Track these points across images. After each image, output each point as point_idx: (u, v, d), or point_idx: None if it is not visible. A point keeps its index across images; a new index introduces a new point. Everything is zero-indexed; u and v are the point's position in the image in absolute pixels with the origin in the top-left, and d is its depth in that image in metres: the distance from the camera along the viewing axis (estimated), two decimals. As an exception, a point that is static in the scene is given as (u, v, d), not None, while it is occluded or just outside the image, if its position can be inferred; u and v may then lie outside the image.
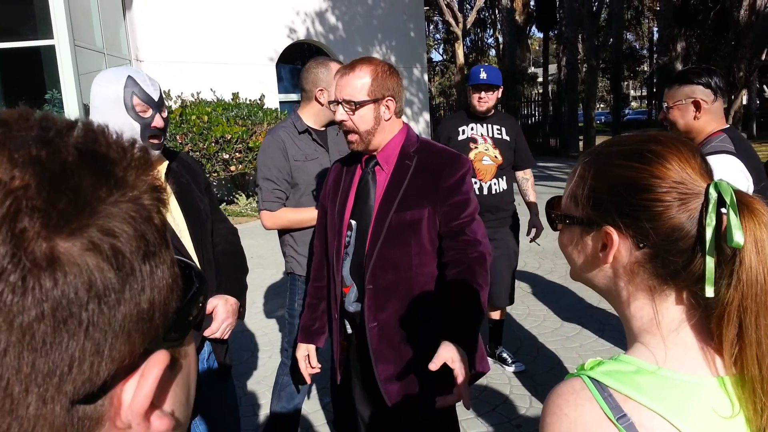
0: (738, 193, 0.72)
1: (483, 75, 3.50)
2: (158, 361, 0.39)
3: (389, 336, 1.87)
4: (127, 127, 1.77)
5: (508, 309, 4.58)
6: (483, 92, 3.51)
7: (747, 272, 0.69)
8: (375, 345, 1.88)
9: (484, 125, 3.61)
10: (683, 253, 0.74)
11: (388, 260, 1.83)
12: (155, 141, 1.83)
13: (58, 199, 0.34)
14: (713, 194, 0.72)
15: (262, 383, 3.74)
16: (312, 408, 3.38)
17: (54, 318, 0.34)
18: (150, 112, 1.81)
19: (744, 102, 21.53)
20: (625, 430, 0.68)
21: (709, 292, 0.72)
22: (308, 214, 2.54)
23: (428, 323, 1.83)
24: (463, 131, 3.63)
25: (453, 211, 1.84)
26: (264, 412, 3.36)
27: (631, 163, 0.78)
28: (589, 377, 0.73)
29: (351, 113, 1.82)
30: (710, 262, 0.72)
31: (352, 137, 1.86)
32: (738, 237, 0.69)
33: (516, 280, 3.90)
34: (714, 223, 0.71)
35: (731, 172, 2.14)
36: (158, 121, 1.82)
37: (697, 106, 2.27)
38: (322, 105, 2.56)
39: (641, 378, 0.72)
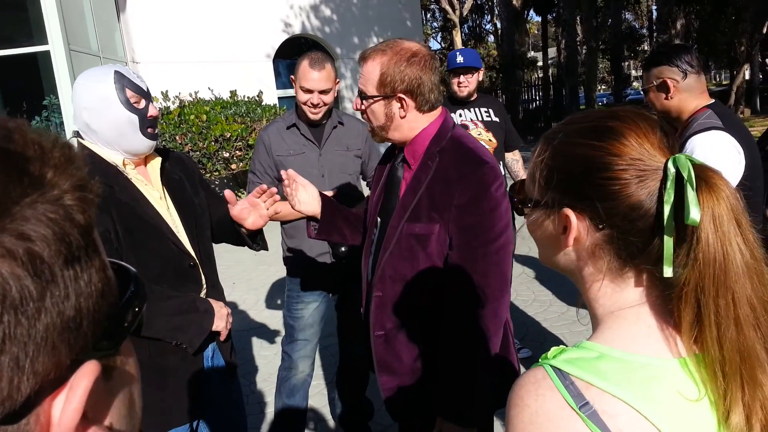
0: (698, 167, 0.69)
1: (459, 58, 3.43)
2: (87, 372, 0.36)
3: (394, 347, 1.73)
4: (126, 120, 1.76)
5: (513, 295, 4.56)
6: (462, 76, 3.46)
7: (704, 251, 0.66)
8: (380, 355, 1.76)
9: (472, 110, 3.56)
10: (643, 232, 0.71)
11: (396, 271, 1.68)
12: (152, 130, 1.83)
13: None
14: (671, 170, 0.69)
15: (267, 381, 3.74)
16: (319, 403, 3.38)
17: None
18: (143, 102, 1.80)
19: (746, 77, 21.35)
20: (588, 417, 0.66)
21: (668, 272, 0.69)
22: (287, 208, 2.55)
23: (435, 339, 1.67)
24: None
25: (463, 236, 1.59)
26: (270, 410, 3.36)
27: (588, 141, 0.75)
28: (551, 366, 0.71)
29: (364, 107, 1.67)
30: (668, 241, 0.69)
31: (369, 128, 1.74)
32: (694, 214, 0.66)
33: (520, 265, 3.87)
34: (672, 199, 0.68)
35: (723, 148, 2.10)
36: (153, 110, 1.82)
37: (665, 86, 2.26)
38: (301, 100, 2.55)
39: (604, 364, 0.70)
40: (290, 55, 13.11)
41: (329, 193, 2.46)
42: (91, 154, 1.79)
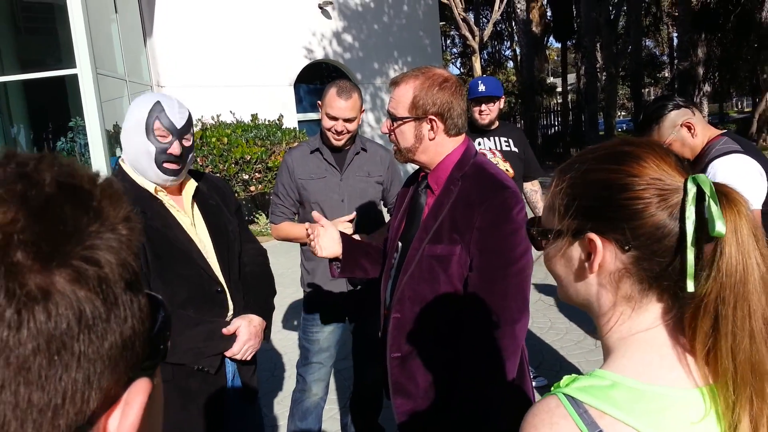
0: (716, 184, 0.71)
1: (482, 87, 3.43)
2: (141, 388, 0.39)
3: (410, 370, 1.73)
4: (144, 149, 1.81)
5: (530, 322, 4.51)
6: (483, 105, 3.45)
7: (727, 263, 0.68)
8: (395, 377, 1.76)
9: (491, 138, 3.56)
10: (668, 251, 0.72)
11: (416, 292, 1.70)
12: (170, 166, 1.85)
13: (46, 232, 0.35)
14: (692, 187, 0.71)
15: (281, 404, 3.73)
16: (332, 428, 3.36)
17: (48, 351, 0.34)
18: (169, 138, 1.83)
19: (769, 105, 21.12)
20: None
21: (690, 286, 0.70)
22: (297, 231, 2.67)
23: (452, 364, 1.67)
24: None
25: (484, 257, 1.61)
26: (283, 432, 3.35)
27: (606, 166, 0.77)
28: (564, 394, 0.71)
29: (393, 127, 1.72)
30: (691, 256, 0.70)
31: (394, 148, 1.78)
32: (720, 226, 0.68)
33: (537, 292, 3.84)
34: (694, 216, 0.70)
35: (745, 170, 2.10)
36: (175, 148, 1.83)
37: (688, 128, 2.25)
38: (326, 126, 2.60)
39: (616, 392, 0.70)
40: (311, 80, 13.31)
41: (349, 218, 2.50)
42: (126, 179, 1.85)
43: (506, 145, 3.56)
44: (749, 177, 2.09)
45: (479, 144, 3.57)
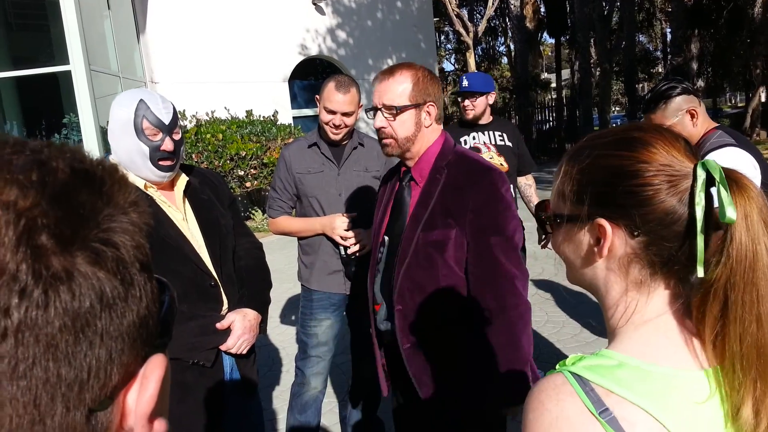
0: (726, 170, 0.72)
1: (465, 83, 3.52)
2: (158, 363, 0.41)
3: (423, 357, 1.79)
4: (136, 150, 1.80)
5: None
6: (467, 100, 3.53)
7: (737, 248, 0.68)
8: (413, 369, 1.80)
9: (486, 133, 3.58)
10: (677, 237, 0.73)
11: (415, 282, 1.74)
12: (165, 163, 1.84)
13: (66, 216, 0.36)
14: (701, 173, 0.71)
15: (279, 398, 3.74)
16: (330, 421, 3.37)
17: (74, 328, 0.36)
18: (160, 135, 1.82)
19: (762, 99, 21.24)
20: (608, 423, 0.67)
21: (701, 272, 0.71)
22: (297, 225, 2.71)
23: (461, 347, 1.74)
24: (465, 141, 3.61)
25: (480, 234, 1.69)
26: (282, 426, 3.36)
27: (616, 152, 0.77)
28: (570, 372, 0.72)
29: (391, 119, 1.75)
30: (701, 242, 0.71)
31: (388, 141, 1.79)
32: (731, 212, 0.68)
33: (533, 287, 3.87)
34: (703, 202, 0.71)
35: (740, 163, 2.12)
36: (167, 145, 1.83)
37: (692, 114, 2.27)
38: (323, 120, 2.61)
39: (623, 372, 0.71)
40: (305, 76, 13.28)
41: (350, 216, 2.53)
42: None
43: (500, 140, 3.59)
44: (743, 170, 2.11)
45: (474, 138, 3.59)
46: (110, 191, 0.40)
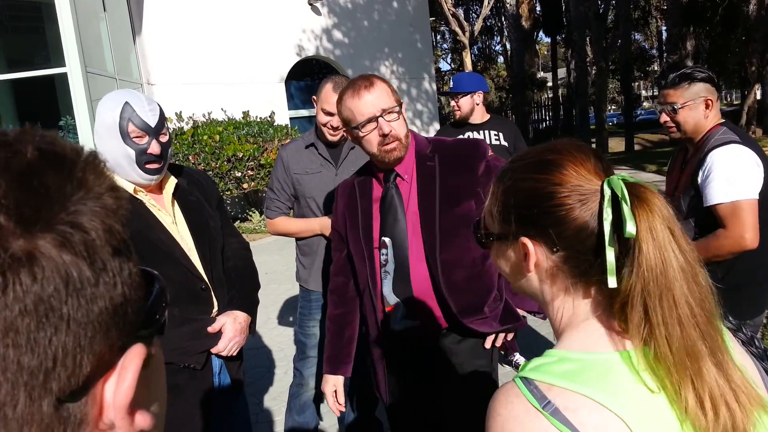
0: (630, 185, 0.77)
1: (451, 84, 3.65)
2: (136, 353, 0.39)
3: (478, 325, 1.86)
4: (122, 153, 1.78)
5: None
6: (452, 100, 3.64)
7: (646, 258, 0.74)
8: (483, 327, 1.87)
9: (481, 132, 3.60)
10: (592, 250, 0.79)
11: (451, 263, 1.79)
12: (152, 166, 1.83)
13: (28, 197, 0.35)
14: (607, 191, 0.77)
15: (277, 399, 3.74)
16: (329, 422, 3.37)
17: (36, 313, 0.34)
18: (146, 138, 1.80)
19: (758, 97, 21.30)
20: (551, 415, 0.72)
21: (612, 282, 0.76)
22: (296, 226, 2.70)
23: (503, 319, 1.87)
24: None
25: None
26: (280, 428, 3.35)
27: (533, 175, 0.84)
28: (519, 377, 0.78)
29: (398, 118, 1.78)
30: (610, 255, 0.76)
31: (395, 144, 1.78)
32: (630, 227, 0.74)
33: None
34: (611, 217, 0.76)
35: (743, 160, 2.13)
36: (154, 148, 1.80)
37: (707, 104, 2.26)
38: (321, 121, 2.61)
39: (563, 366, 0.77)
40: (302, 76, 13.28)
41: None
42: None
43: (495, 139, 3.61)
44: (747, 167, 2.13)
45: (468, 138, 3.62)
46: (82, 175, 0.39)
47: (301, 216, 2.72)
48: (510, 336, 1.93)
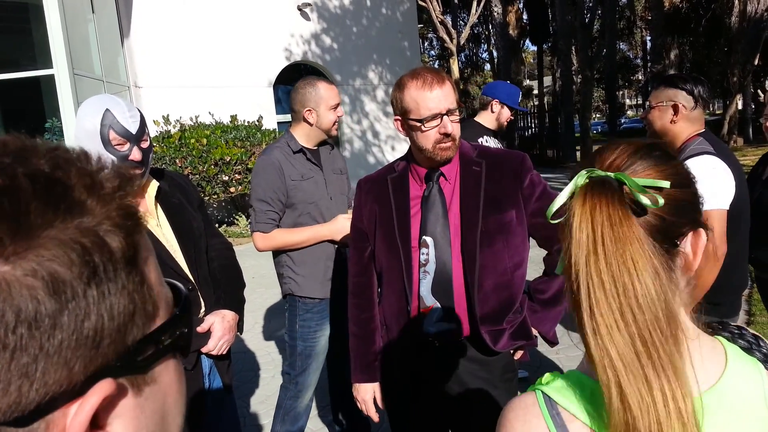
0: (595, 182, 0.71)
1: (518, 98, 3.65)
2: (99, 389, 0.38)
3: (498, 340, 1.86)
4: None
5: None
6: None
7: (575, 249, 0.69)
8: (502, 344, 1.86)
9: (492, 139, 3.64)
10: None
11: (487, 267, 1.79)
12: (134, 172, 1.85)
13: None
14: (578, 177, 0.74)
15: (265, 403, 3.76)
16: (315, 426, 3.39)
17: None
18: (127, 146, 1.80)
19: (739, 107, 21.62)
20: None
21: (559, 269, 0.73)
22: (302, 236, 2.56)
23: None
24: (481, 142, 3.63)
25: (544, 204, 1.77)
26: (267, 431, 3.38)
27: None
28: (542, 393, 0.74)
29: (457, 120, 1.77)
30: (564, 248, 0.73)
31: (451, 144, 1.77)
32: (552, 210, 0.74)
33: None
34: (562, 199, 0.74)
35: (714, 171, 2.16)
36: (135, 155, 1.81)
37: (675, 109, 2.31)
38: (311, 125, 2.59)
39: (583, 393, 0.72)
40: (290, 81, 13.28)
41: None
42: None
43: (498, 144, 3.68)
44: (717, 178, 2.16)
45: (486, 141, 3.64)
46: (80, 201, 0.38)
47: (297, 225, 2.59)
48: (519, 354, 1.94)
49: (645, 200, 0.68)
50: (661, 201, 0.69)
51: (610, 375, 0.65)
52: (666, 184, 0.70)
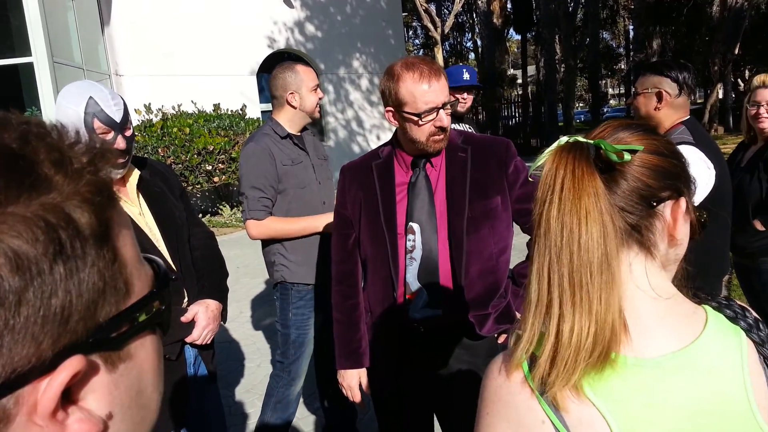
0: (572, 145, 0.77)
1: (466, 75, 3.58)
2: (68, 365, 0.38)
3: (493, 322, 1.88)
4: None
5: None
6: (465, 93, 3.60)
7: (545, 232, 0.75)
8: (487, 329, 1.87)
9: (462, 125, 3.66)
10: None
11: (473, 253, 1.80)
12: (118, 161, 1.83)
13: None
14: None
15: (251, 392, 3.77)
16: (302, 414, 3.41)
17: None
18: (111, 134, 1.78)
19: (720, 96, 21.86)
20: (544, 400, 0.73)
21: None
22: (297, 226, 2.55)
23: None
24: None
25: (529, 191, 1.80)
26: (253, 420, 3.38)
27: None
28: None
29: (449, 113, 1.78)
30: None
31: (444, 136, 1.78)
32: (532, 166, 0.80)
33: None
34: (540, 161, 0.80)
35: (691, 161, 2.19)
36: (119, 143, 1.79)
37: (659, 97, 2.33)
38: (295, 108, 2.59)
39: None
40: (274, 69, 13.20)
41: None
42: None
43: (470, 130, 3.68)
44: (694, 168, 2.19)
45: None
46: (47, 177, 0.38)
47: (288, 210, 2.58)
48: (503, 338, 1.97)
49: (613, 156, 0.74)
50: (628, 157, 0.74)
51: (543, 302, 0.73)
52: (640, 147, 0.76)
